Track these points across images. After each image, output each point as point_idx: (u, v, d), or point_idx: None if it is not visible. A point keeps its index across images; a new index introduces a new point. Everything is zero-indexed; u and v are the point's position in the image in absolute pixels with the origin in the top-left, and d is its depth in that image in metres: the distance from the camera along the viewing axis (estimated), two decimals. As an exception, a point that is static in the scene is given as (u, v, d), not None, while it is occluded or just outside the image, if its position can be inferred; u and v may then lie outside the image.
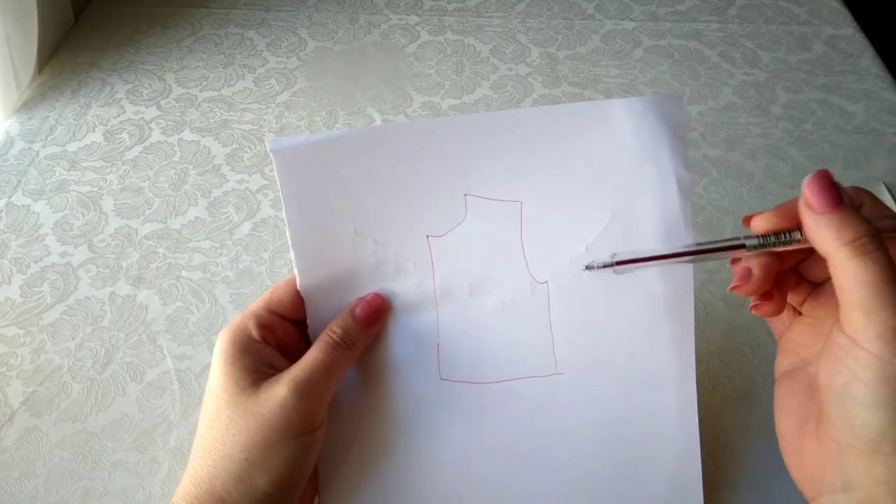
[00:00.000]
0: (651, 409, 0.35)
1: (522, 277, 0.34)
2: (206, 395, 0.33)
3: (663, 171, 0.34)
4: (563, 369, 0.35)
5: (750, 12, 0.70)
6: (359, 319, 0.33)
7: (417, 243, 0.34)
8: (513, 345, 0.35)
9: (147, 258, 0.49)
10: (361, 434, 0.35)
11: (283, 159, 0.33)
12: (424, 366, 0.34)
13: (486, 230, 0.34)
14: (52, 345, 0.44)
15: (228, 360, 0.32)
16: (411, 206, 0.34)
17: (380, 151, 0.33)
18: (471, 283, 0.35)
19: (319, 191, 0.33)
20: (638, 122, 0.34)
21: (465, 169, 0.34)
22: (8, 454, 0.40)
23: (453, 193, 0.34)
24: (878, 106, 0.60)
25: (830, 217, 0.26)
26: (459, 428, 0.34)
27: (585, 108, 0.34)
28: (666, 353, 0.34)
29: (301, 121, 0.59)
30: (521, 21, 0.70)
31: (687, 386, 0.35)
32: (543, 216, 0.34)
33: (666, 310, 0.34)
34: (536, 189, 0.34)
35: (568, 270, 0.34)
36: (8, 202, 0.52)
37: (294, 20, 0.69)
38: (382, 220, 0.34)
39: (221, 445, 0.31)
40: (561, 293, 0.34)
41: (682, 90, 0.62)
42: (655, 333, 0.34)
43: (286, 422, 0.30)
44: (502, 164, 0.34)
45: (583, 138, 0.34)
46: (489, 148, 0.34)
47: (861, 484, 0.26)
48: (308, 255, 0.34)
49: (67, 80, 0.62)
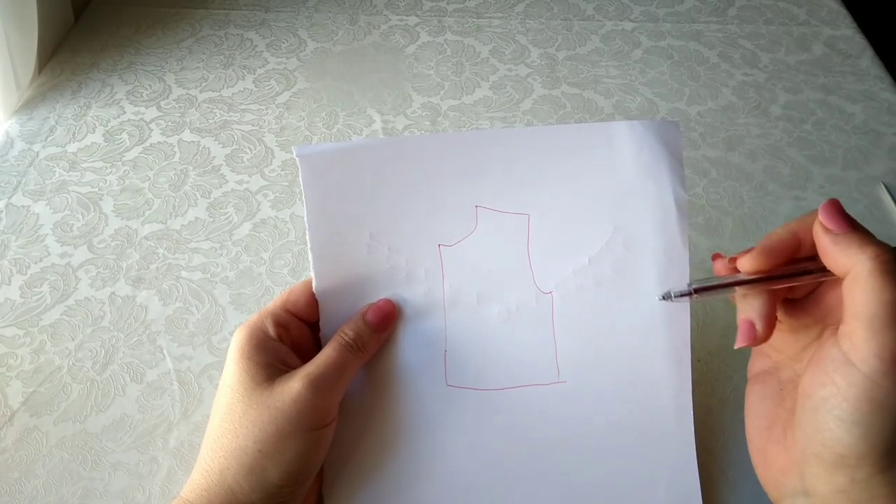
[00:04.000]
0: (649, 418, 0.35)
1: (528, 288, 0.36)
2: (220, 390, 0.33)
3: (662, 190, 0.35)
4: (566, 378, 0.35)
5: (749, 13, 0.70)
6: (370, 323, 0.35)
7: (429, 251, 0.36)
8: (517, 353, 0.36)
9: (147, 259, 0.49)
10: (367, 434, 0.35)
11: (309, 165, 0.34)
12: (431, 371, 0.35)
13: (494, 241, 0.36)
14: (52, 345, 0.44)
15: (244, 356, 0.33)
16: (425, 216, 0.36)
17: (398, 162, 0.35)
18: (479, 292, 0.36)
19: (340, 196, 0.35)
20: (639, 144, 0.36)
21: (477, 182, 0.36)
22: (8, 455, 0.40)
23: (465, 205, 0.36)
24: (878, 106, 0.60)
25: (850, 236, 0.27)
26: (463, 433, 0.35)
27: (590, 129, 0.36)
28: (663, 364, 0.35)
29: (301, 121, 0.59)
30: (521, 22, 0.70)
31: (683, 395, 0.36)
32: (549, 229, 0.36)
33: (663, 321, 0.36)
34: (543, 203, 0.36)
35: (572, 282, 0.36)
36: (8, 203, 0.52)
37: (294, 21, 0.69)
38: (397, 227, 0.36)
39: (234, 438, 0.31)
40: (564, 304, 0.36)
41: (681, 92, 0.62)
42: (653, 344, 0.36)
43: (299, 415, 0.31)
44: (512, 178, 0.36)
45: (588, 157, 0.36)
46: (500, 163, 0.36)
47: (821, 493, 0.27)
48: (325, 257, 0.35)
49: (67, 81, 0.62)
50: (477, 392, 0.35)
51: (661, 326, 0.36)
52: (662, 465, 0.35)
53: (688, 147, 0.57)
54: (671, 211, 0.35)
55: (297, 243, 0.50)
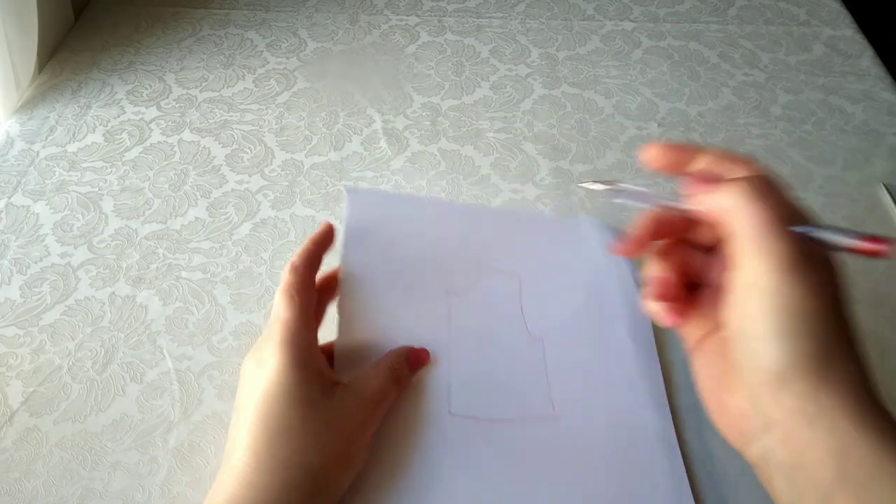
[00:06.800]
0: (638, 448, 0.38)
1: (521, 333, 0.41)
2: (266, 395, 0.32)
3: (622, 269, 0.45)
4: (560, 412, 0.39)
5: (749, 13, 0.70)
6: (411, 364, 0.38)
7: (439, 296, 0.42)
8: (515, 388, 0.40)
9: (147, 259, 0.49)
10: (374, 457, 0.37)
11: (355, 201, 0.41)
12: (436, 400, 0.39)
13: (493, 293, 0.42)
14: (52, 345, 0.44)
15: (300, 365, 0.33)
16: (439, 267, 0.42)
17: (426, 220, 0.43)
18: (479, 334, 0.41)
19: (374, 233, 0.41)
20: (602, 235, 0.46)
21: (483, 246, 0.44)
22: (7, 454, 0.40)
23: (471, 262, 0.43)
24: (878, 107, 0.60)
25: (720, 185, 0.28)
26: (464, 459, 0.37)
27: (565, 223, 0.47)
28: (645, 405, 0.38)
29: (301, 121, 0.59)
30: (521, 22, 0.70)
31: (667, 430, 0.39)
32: (537, 290, 0.43)
33: (638, 368, 0.41)
34: (533, 269, 0.44)
35: (558, 331, 0.42)
36: (8, 203, 0.52)
37: (294, 21, 0.69)
38: (415, 271, 0.42)
39: (299, 454, 0.31)
40: (553, 348, 0.41)
41: (681, 92, 0.62)
42: (635, 387, 0.41)
43: (354, 434, 0.33)
44: (510, 247, 0.44)
45: (566, 242, 0.47)
46: (502, 235, 0.44)
47: (777, 419, 0.26)
48: (351, 283, 0.40)
49: (67, 81, 0.62)
50: (478, 421, 0.38)
51: (636, 373, 0.41)
52: (656, 494, 0.37)
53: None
54: (630, 284, 0.44)
55: (297, 243, 0.50)
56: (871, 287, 0.47)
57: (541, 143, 0.58)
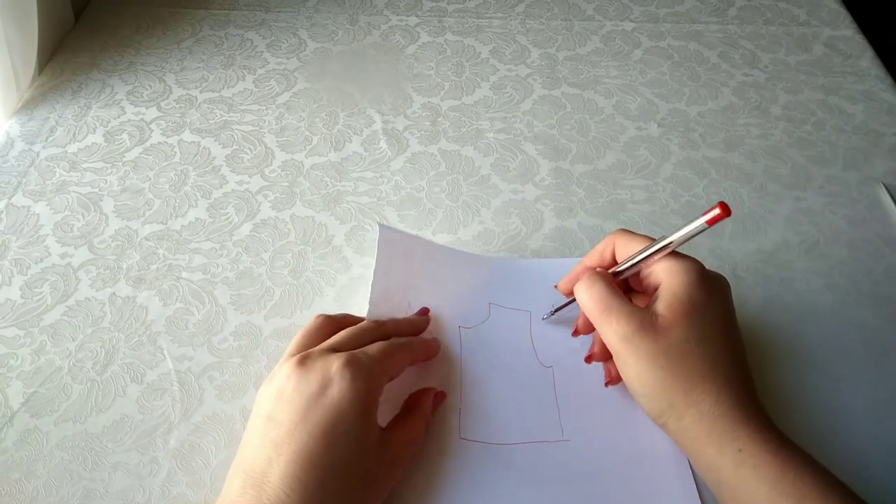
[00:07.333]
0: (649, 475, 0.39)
1: (532, 362, 0.44)
2: (338, 433, 0.33)
3: None
4: (569, 436, 0.40)
5: (749, 13, 0.70)
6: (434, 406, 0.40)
7: (452, 330, 0.44)
8: (525, 413, 0.41)
9: (147, 259, 0.49)
10: None
11: (386, 238, 0.45)
12: (448, 426, 0.40)
13: (503, 327, 0.45)
14: (53, 346, 0.44)
15: (369, 411, 0.34)
16: (452, 304, 0.45)
17: (444, 263, 0.47)
18: (490, 364, 0.43)
19: (399, 268, 0.45)
20: None
21: (493, 287, 0.47)
22: (8, 455, 0.40)
23: (482, 302, 0.46)
24: (878, 107, 0.60)
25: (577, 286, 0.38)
26: (475, 483, 0.38)
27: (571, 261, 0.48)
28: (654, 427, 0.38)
29: (301, 122, 0.59)
30: (521, 22, 0.70)
31: (678, 454, 0.39)
32: (546, 324, 0.46)
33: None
34: (542, 305, 0.46)
35: (567, 360, 0.44)
36: (8, 203, 0.52)
37: (294, 21, 0.69)
38: (431, 306, 0.45)
39: (361, 492, 0.33)
40: (563, 376, 0.43)
41: (681, 92, 0.62)
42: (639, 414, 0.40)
43: (395, 478, 0.36)
44: (517, 289, 0.47)
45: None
46: (513, 279, 0.47)
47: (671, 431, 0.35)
48: (378, 305, 0.43)
49: (67, 81, 0.62)
50: (488, 446, 0.39)
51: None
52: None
53: (688, 147, 0.57)
54: None
55: (297, 244, 0.50)
56: (871, 287, 0.48)
57: (541, 144, 0.58)
